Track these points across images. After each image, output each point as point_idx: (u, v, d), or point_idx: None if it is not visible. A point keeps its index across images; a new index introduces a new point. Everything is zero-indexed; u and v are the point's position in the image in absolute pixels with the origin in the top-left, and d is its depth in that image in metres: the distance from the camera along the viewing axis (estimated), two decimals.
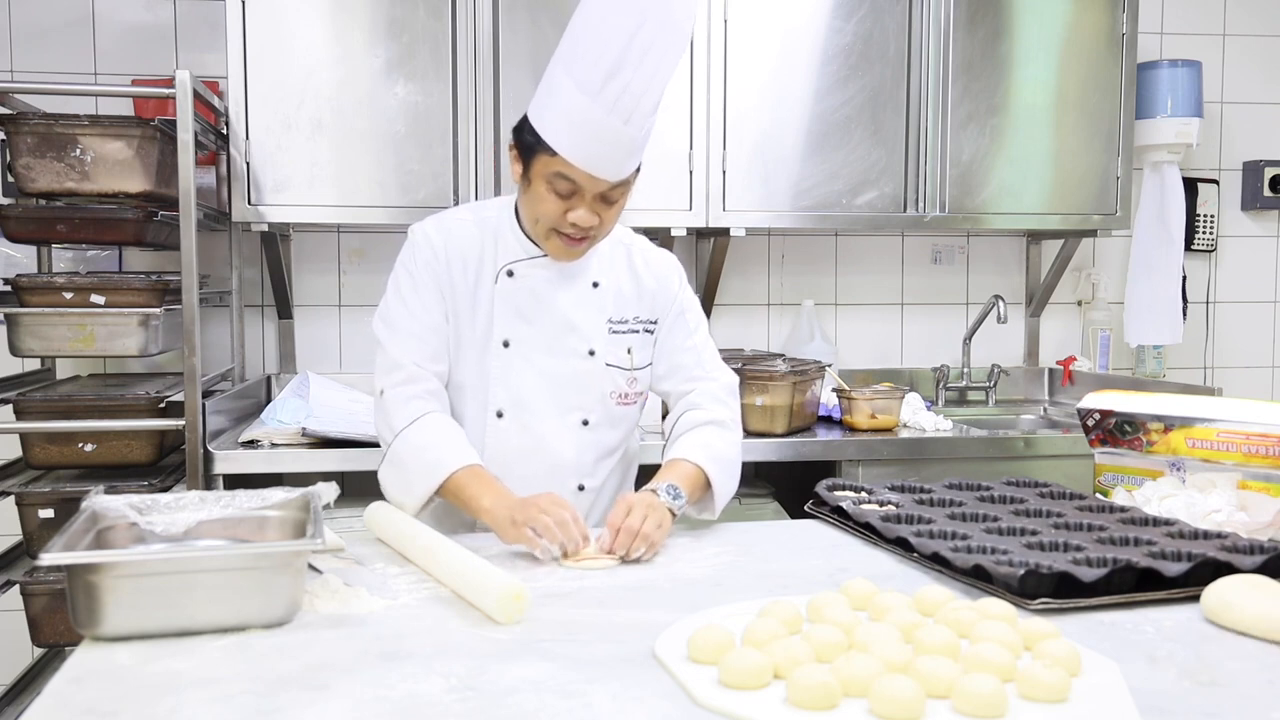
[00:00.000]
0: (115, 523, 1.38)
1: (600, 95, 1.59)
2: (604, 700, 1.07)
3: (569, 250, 1.76)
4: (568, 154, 1.63)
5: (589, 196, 1.68)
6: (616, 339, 1.86)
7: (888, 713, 1.00)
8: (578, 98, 1.61)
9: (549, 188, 1.68)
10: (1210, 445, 1.82)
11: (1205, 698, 1.08)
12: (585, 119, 1.61)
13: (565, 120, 1.63)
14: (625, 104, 1.60)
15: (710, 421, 1.86)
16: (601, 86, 1.59)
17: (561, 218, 1.70)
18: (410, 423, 1.75)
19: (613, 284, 1.87)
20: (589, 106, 1.60)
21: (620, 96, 1.59)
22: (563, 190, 1.68)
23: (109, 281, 2.50)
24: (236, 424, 2.81)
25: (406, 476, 1.73)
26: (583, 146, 1.63)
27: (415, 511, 1.72)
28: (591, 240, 1.76)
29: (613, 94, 1.59)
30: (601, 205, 1.70)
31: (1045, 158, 3.15)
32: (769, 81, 2.98)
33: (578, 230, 1.71)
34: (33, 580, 2.47)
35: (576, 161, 1.64)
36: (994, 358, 3.54)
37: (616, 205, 1.73)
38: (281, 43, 2.76)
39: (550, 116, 1.65)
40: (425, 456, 1.71)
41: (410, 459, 1.73)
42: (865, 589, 1.32)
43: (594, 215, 1.70)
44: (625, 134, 1.62)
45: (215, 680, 1.11)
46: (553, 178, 1.67)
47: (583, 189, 1.67)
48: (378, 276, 3.28)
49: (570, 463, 1.85)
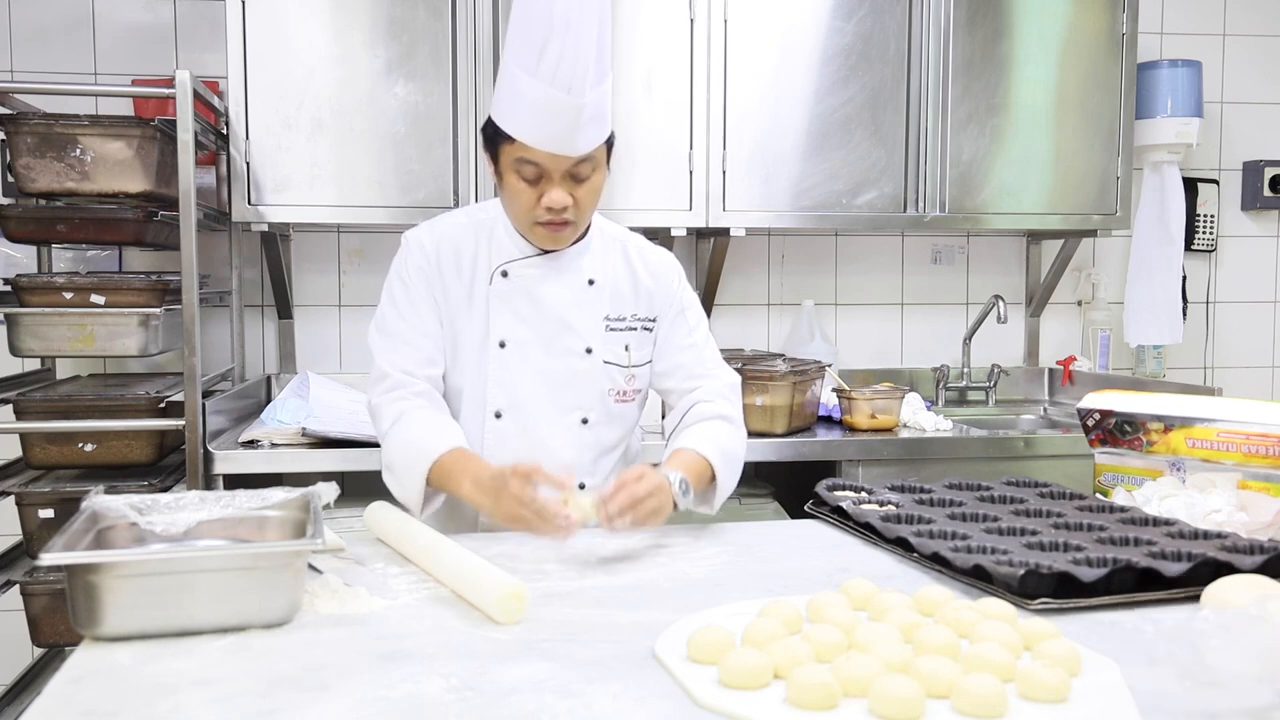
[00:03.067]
0: (115, 523, 1.37)
1: (539, 70, 1.65)
2: (604, 700, 1.06)
3: (553, 237, 1.77)
4: (522, 135, 1.68)
5: (556, 177, 1.71)
6: (614, 336, 1.86)
7: (888, 713, 1.00)
8: (522, 79, 1.66)
9: (518, 176, 1.72)
10: (1210, 445, 1.82)
11: (1205, 698, 1.08)
12: (532, 97, 1.65)
13: (515, 104, 1.68)
14: (564, 73, 1.65)
15: (720, 416, 1.86)
16: (538, 60, 1.64)
17: (536, 205, 1.72)
18: (392, 424, 1.76)
19: (609, 281, 1.87)
20: (532, 84, 1.65)
21: (557, 66, 1.64)
22: (529, 175, 1.71)
23: (109, 281, 2.51)
24: (236, 424, 2.81)
25: (399, 478, 1.74)
26: (535, 127, 1.67)
27: (420, 511, 1.72)
28: (573, 225, 1.76)
29: (550, 65, 1.64)
30: (572, 185, 1.72)
31: (1045, 158, 3.15)
32: (769, 81, 2.98)
33: (554, 214, 1.72)
34: (33, 580, 2.47)
35: (531, 141, 1.67)
36: (994, 358, 3.54)
37: (589, 184, 1.74)
38: (281, 43, 2.76)
39: (504, 106, 1.70)
40: (408, 454, 1.72)
41: (397, 459, 1.74)
42: (865, 589, 1.32)
43: (566, 195, 1.72)
44: (570, 104, 1.65)
45: (215, 680, 1.11)
46: (518, 165, 1.71)
47: (547, 170, 1.70)
48: (378, 277, 3.28)
49: (569, 462, 1.84)
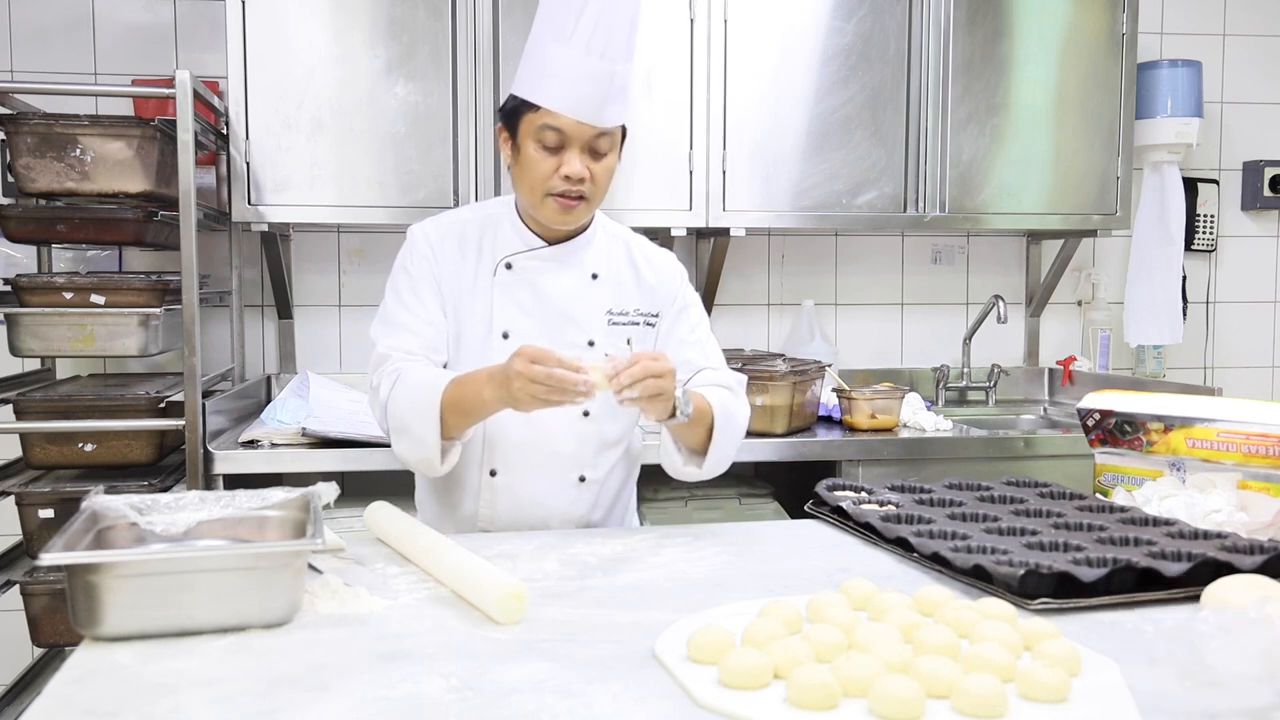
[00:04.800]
0: (115, 523, 1.37)
1: (574, 35, 1.68)
2: (604, 700, 1.06)
3: (565, 212, 1.77)
4: (549, 102, 1.70)
5: (577, 146, 1.72)
6: (616, 330, 1.87)
7: (888, 713, 1.00)
8: (555, 47, 1.69)
9: (538, 145, 1.73)
10: (1210, 445, 1.82)
11: (1205, 698, 1.08)
12: (565, 63, 1.68)
13: (545, 71, 1.70)
14: (599, 39, 1.68)
15: (725, 386, 1.86)
16: (575, 27, 1.67)
17: (554, 174, 1.73)
18: (392, 386, 1.75)
19: (612, 276, 1.89)
20: (566, 51, 1.68)
21: (593, 32, 1.67)
22: (551, 142, 1.72)
23: (109, 281, 2.50)
24: (236, 424, 2.81)
25: (412, 425, 1.71)
26: (565, 92, 1.69)
27: (439, 462, 1.71)
28: (586, 202, 1.77)
29: (585, 30, 1.67)
30: (590, 159, 1.74)
31: (1045, 158, 3.15)
32: (769, 81, 2.98)
33: (571, 184, 1.73)
34: (33, 580, 2.47)
35: (558, 107, 1.70)
36: (994, 358, 3.54)
37: (605, 161, 1.76)
38: (281, 43, 2.76)
39: (532, 75, 1.73)
40: (415, 396, 1.70)
41: (404, 407, 1.72)
42: (865, 589, 1.32)
43: (584, 168, 1.73)
44: (603, 70, 1.69)
45: (215, 680, 1.11)
46: (540, 131, 1.72)
47: (570, 137, 1.72)
48: (378, 277, 3.28)
49: (571, 454, 1.85)
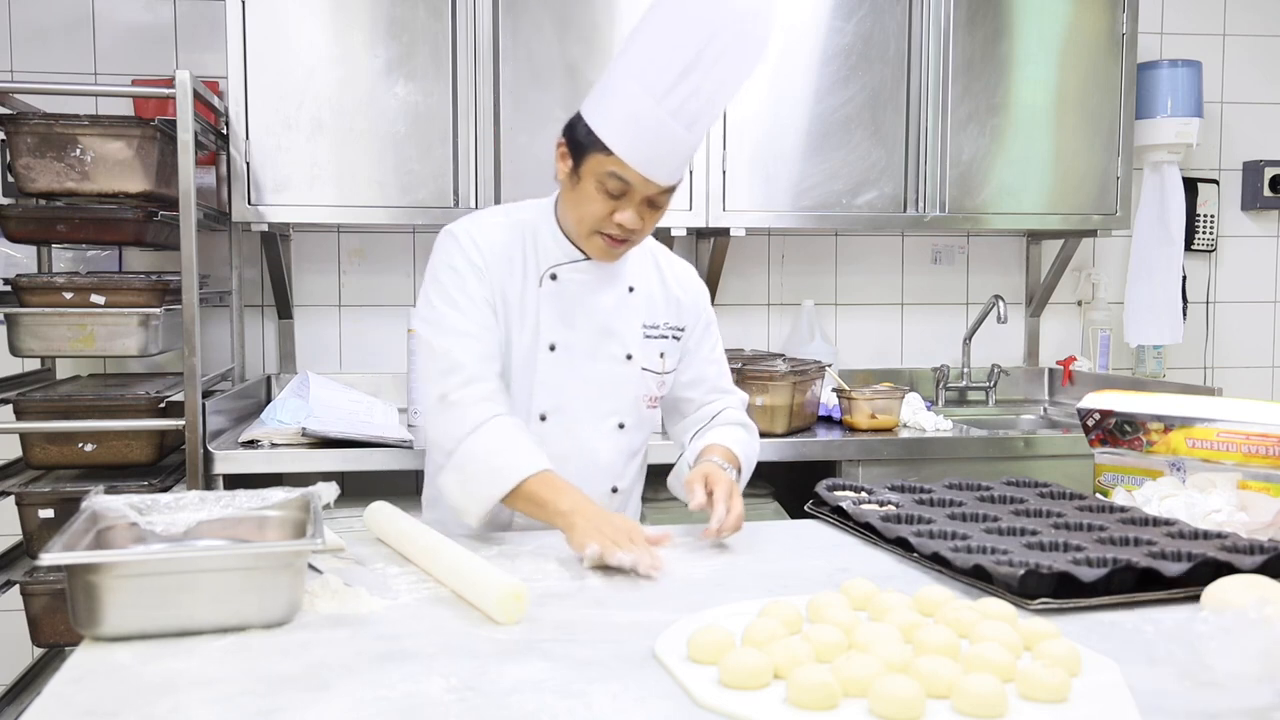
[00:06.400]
0: (115, 523, 1.37)
1: (666, 98, 1.61)
2: (604, 700, 1.07)
3: (609, 251, 1.76)
4: (625, 154, 1.64)
5: (638, 198, 1.69)
6: (650, 343, 1.88)
7: (888, 713, 1.00)
8: (643, 100, 1.62)
9: (599, 187, 1.69)
10: (1210, 445, 1.82)
11: (1205, 698, 1.08)
12: (649, 122, 1.62)
13: (626, 121, 1.63)
14: (690, 108, 1.62)
15: (744, 425, 1.98)
16: (669, 90, 1.60)
17: (607, 218, 1.70)
18: (476, 427, 1.69)
19: (645, 289, 1.89)
20: (653, 109, 1.61)
21: (686, 101, 1.61)
22: (613, 190, 1.68)
23: (109, 281, 2.50)
24: (236, 424, 2.80)
25: (473, 482, 1.68)
26: (642, 149, 1.64)
27: (478, 520, 1.70)
28: (630, 244, 1.77)
29: (680, 97, 1.60)
30: (647, 209, 1.72)
31: (1045, 158, 3.15)
32: (769, 81, 2.98)
33: (622, 232, 1.71)
34: (33, 580, 2.47)
35: (633, 163, 1.64)
36: (994, 358, 3.54)
37: (660, 210, 1.74)
38: (281, 43, 2.76)
39: (610, 117, 1.65)
40: (493, 462, 1.67)
41: (477, 465, 1.68)
42: (865, 589, 1.33)
43: (639, 219, 1.71)
44: (685, 139, 1.64)
45: (215, 680, 1.11)
46: (605, 177, 1.67)
47: (633, 190, 1.68)
48: (378, 277, 3.31)
49: (606, 465, 1.85)
